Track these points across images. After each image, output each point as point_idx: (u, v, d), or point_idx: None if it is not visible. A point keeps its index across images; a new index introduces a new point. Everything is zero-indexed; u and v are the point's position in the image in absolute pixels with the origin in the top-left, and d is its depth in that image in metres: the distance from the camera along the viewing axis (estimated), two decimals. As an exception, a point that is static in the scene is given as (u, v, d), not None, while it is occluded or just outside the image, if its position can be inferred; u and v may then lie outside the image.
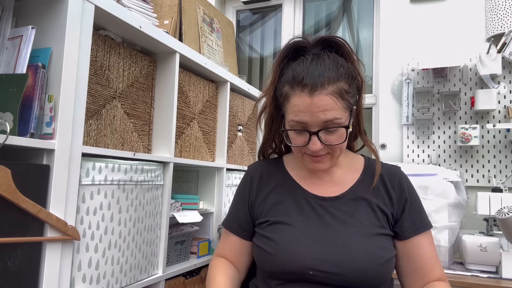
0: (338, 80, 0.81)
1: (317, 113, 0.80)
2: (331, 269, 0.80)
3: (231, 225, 0.98)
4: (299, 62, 0.85)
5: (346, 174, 0.94)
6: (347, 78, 0.83)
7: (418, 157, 2.10)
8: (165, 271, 1.26)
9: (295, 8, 2.77)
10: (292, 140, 0.87)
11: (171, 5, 1.47)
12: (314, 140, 0.82)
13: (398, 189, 0.91)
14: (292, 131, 0.86)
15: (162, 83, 1.28)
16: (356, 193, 0.90)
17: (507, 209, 1.35)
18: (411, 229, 0.89)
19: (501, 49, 1.88)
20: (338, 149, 0.86)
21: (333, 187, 0.92)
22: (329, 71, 0.81)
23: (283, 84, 0.86)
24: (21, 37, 0.87)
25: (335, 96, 0.80)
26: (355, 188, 0.91)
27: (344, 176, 0.94)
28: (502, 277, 1.40)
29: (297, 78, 0.82)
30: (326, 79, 0.80)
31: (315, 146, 0.82)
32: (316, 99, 0.80)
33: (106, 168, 1.01)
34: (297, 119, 0.83)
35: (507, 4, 1.92)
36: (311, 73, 0.81)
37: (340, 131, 0.83)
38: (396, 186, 0.92)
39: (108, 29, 1.12)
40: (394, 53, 2.26)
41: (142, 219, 1.14)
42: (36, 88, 0.84)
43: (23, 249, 0.80)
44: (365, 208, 0.88)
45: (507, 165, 1.92)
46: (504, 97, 1.96)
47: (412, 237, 0.88)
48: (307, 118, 0.81)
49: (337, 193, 0.91)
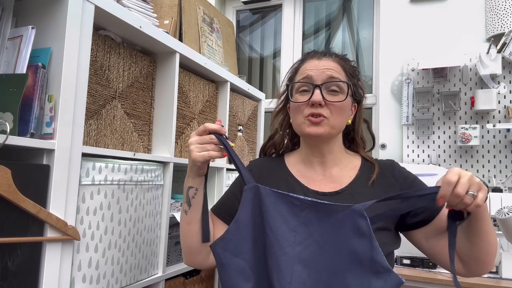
0: (343, 61, 0.96)
1: (322, 69, 0.91)
2: None
3: (220, 212, 0.98)
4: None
5: (344, 171, 0.95)
6: (352, 67, 0.97)
7: (418, 157, 2.10)
8: (165, 271, 1.26)
9: (295, 8, 2.77)
10: (296, 100, 0.93)
11: (171, 5, 1.47)
12: (317, 92, 0.89)
13: (400, 177, 0.93)
14: (297, 93, 0.93)
15: (162, 83, 1.28)
16: (355, 189, 0.91)
17: (507, 209, 1.35)
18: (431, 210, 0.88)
19: (501, 49, 1.88)
20: (336, 113, 0.90)
21: (331, 183, 0.93)
22: (337, 55, 0.97)
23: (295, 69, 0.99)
24: (21, 37, 0.87)
25: (340, 65, 0.94)
26: (353, 184, 0.92)
27: (342, 172, 0.95)
28: (502, 277, 1.40)
29: (309, 55, 0.97)
30: (333, 55, 0.96)
31: (317, 97, 0.88)
32: (324, 61, 0.93)
33: (106, 168, 1.01)
34: (303, 76, 0.93)
35: (507, 4, 1.92)
36: (321, 51, 0.98)
37: (341, 96, 0.90)
38: (397, 175, 0.93)
39: (108, 29, 1.12)
40: (394, 53, 2.26)
41: (142, 219, 1.14)
42: (36, 88, 0.84)
43: (23, 249, 0.80)
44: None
45: (507, 165, 1.92)
46: (504, 97, 1.96)
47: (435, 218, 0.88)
48: (313, 73, 0.91)
49: (336, 189, 0.92)
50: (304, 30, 2.77)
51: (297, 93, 0.93)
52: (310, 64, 0.94)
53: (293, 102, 0.94)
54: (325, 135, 0.91)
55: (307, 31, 2.78)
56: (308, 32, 2.78)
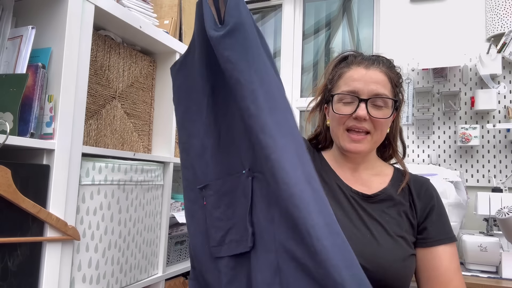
0: (391, 70, 0.91)
1: (370, 83, 0.86)
2: (361, 264, 0.81)
3: None
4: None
5: (375, 177, 0.95)
6: (397, 75, 0.93)
7: (418, 157, 2.10)
8: (165, 271, 1.26)
9: (295, 8, 2.77)
10: (338, 111, 0.89)
11: (171, 5, 1.47)
12: (362, 107, 0.85)
13: (424, 198, 0.91)
14: (340, 103, 0.89)
15: (162, 83, 1.28)
16: (387, 196, 0.91)
17: (507, 209, 1.35)
18: (433, 238, 0.88)
19: (501, 49, 1.88)
20: (380, 129, 0.88)
21: (361, 185, 0.93)
22: (384, 63, 0.91)
23: (338, 70, 0.93)
24: (21, 37, 0.87)
25: (387, 77, 0.89)
26: (386, 191, 0.91)
27: (373, 178, 0.94)
28: (502, 277, 1.40)
29: (356, 60, 0.91)
30: (381, 63, 0.90)
31: (363, 112, 0.85)
32: (372, 72, 0.87)
33: (106, 168, 1.01)
34: (349, 88, 0.88)
35: (507, 4, 1.92)
36: (369, 58, 0.91)
37: (386, 111, 0.87)
38: (422, 195, 0.92)
39: (108, 29, 1.11)
40: (394, 53, 2.25)
41: (142, 219, 1.14)
42: (36, 88, 0.84)
43: (23, 249, 0.80)
44: (394, 211, 0.89)
45: (507, 165, 1.92)
46: (504, 97, 1.96)
47: (432, 247, 0.87)
48: (360, 86, 0.86)
49: (368, 192, 0.91)
50: (304, 30, 2.77)
51: (340, 102, 0.89)
52: (356, 73, 0.88)
53: (336, 113, 0.90)
54: (366, 151, 0.90)
55: (307, 31, 2.78)
56: (308, 32, 2.78)
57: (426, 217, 0.90)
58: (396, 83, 0.91)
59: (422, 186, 0.93)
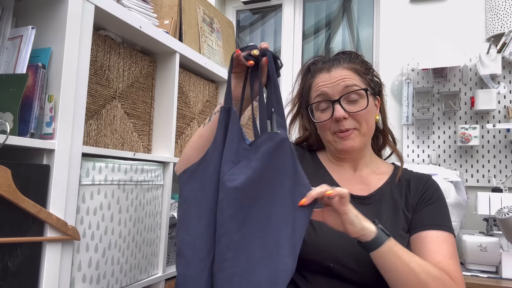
0: (353, 62, 0.92)
1: (336, 82, 0.88)
2: (350, 264, 0.81)
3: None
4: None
5: (373, 174, 0.95)
6: (362, 63, 0.93)
7: (418, 157, 2.10)
8: (165, 271, 1.26)
9: (295, 8, 2.77)
10: (318, 119, 0.91)
11: (171, 5, 1.47)
12: (337, 108, 0.87)
13: (421, 191, 0.91)
14: (318, 112, 0.91)
15: (162, 83, 1.28)
16: (383, 195, 0.91)
17: (507, 209, 1.35)
18: (420, 223, 0.86)
19: (501, 49, 1.88)
20: (364, 121, 0.88)
21: (360, 184, 0.93)
22: (344, 59, 0.93)
23: (306, 82, 0.97)
24: (21, 37, 0.87)
25: (351, 71, 0.90)
26: (382, 190, 0.92)
27: (372, 175, 0.95)
28: (502, 277, 1.40)
29: (317, 67, 0.94)
30: (341, 61, 0.92)
31: (339, 113, 0.86)
32: (334, 72, 0.90)
33: (106, 168, 1.01)
34: (318, 93, 0.90)
35: (507, 4, 1.92)
36: (328, 60, 0.94)
37: (362, 102, 0.88)
38: (420, 189, 0.92)
39: (108, 29, 1.12)
40: (394, 53, 2.26)
41: (142, 219, 1.14)
42: (36, 88, 0.84)
43: (23, 249, 0.80)
44: (391, 210, 0.89)
45: (507, 165, 1.92)
46: (504, 97, 1.96)
47: (420, 232, 0.85)
48: (328, 89, 0.89)
49: (365, 192, 0.91)
50: (304, 30, 2.77)
51: (318, 111, 0.92)
52: (321, 79, 0.91)
53: (317, 122, 0.92)
54: (359, 146, 0.90)
55: (307, 31, 2.78)
56: (308, 32, 2.78)
57: (417, 206, 0.89)
58: (364, 71, 0.92)
59: (421, 181, 0.94)
